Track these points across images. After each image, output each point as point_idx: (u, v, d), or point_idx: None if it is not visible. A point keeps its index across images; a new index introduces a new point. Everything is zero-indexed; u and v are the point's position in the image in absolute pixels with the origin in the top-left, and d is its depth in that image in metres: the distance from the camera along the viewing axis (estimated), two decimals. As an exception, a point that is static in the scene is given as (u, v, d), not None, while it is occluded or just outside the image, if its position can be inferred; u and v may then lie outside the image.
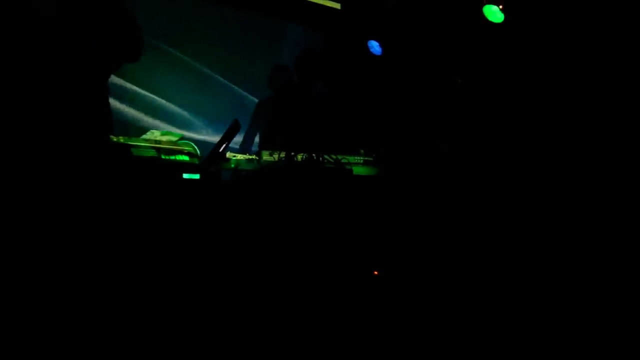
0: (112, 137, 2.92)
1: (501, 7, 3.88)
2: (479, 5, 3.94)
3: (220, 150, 3.14)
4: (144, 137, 3.14)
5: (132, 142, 3.01)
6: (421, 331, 2.80)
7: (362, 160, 3.56)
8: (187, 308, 2.62)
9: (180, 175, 2.99)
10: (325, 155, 3.32)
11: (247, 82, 4.85)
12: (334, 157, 3.34)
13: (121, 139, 2.98)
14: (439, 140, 4.12)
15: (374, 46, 4.67)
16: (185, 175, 2.99)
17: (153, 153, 3.01)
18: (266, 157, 3.31)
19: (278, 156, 3.27)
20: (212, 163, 3.11)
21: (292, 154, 3.27)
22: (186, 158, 3.09)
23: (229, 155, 3.26)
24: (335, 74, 4.78)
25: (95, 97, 2.77)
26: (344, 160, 3.41)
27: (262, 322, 2.65)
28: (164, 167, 3.00)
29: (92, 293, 2.44)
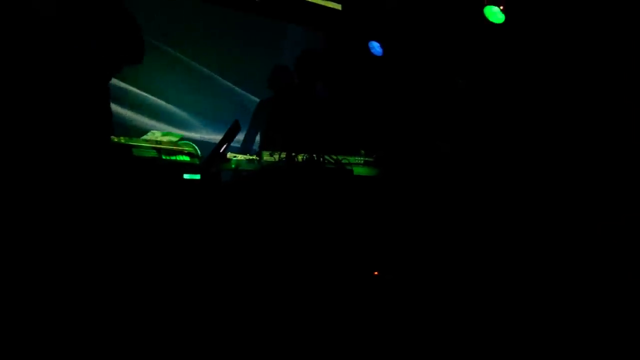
0: (112, 137, 2.92)
1: (502, 7, 3.88)
2: (479, 6, 3.94)
3: (221, 150, 3.14)
4: (144, 137, 3.14)
5: (132, 142, 3.01)
6: (421, 331, 2.80)
7: (362, 161, 3.56)
8: (188, 308, 2.61)
9: (181, 175, 2.98)
10: (325, 156, 3.31)
11: (247, 82, 4.85)
12: (335, 157, 3.34)
13: (122, 140, 2.98)
14: (440, 141, 4.12)
15: (375, 47, 4.67)
16: (185, 176, 2.99)
17: (154, 153, 3.00)
18: (267, 157, 3.31)
19: (279, 156, 3.27)
20: (212, 163, 3.10)
21: (292, 154, 3.27)
22: (187, 158, 3.09)
23: (230, 155, 3.26)
24: (336, 75, 4.77)
25: (96, 97, 2.77)
26: (344, 161, 3.40)
27: (263, 322, 2.65)
28: (164, 167, 3.00)
29: (93, 293, 2.44)
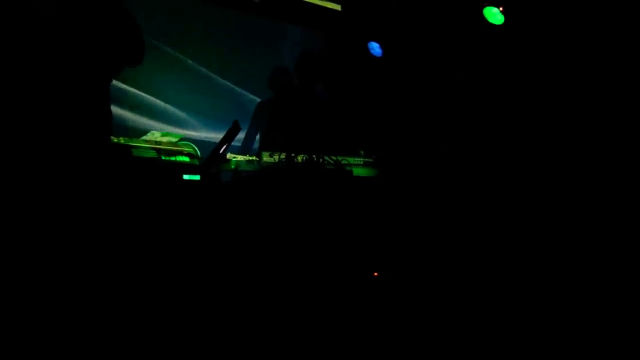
0: (112, 138, 2.91)
1: (501, 9, 3.89)
2: (479, 7, 3.95)
3: (221, 151, 3.14)
4: (144, 138, 3.14)
5: (132, 143, 3.01)
6: (421, 332, 2.81)
7: (362, 162, 3.56)
8: (188, 309, 2.61)
9: (181, 176, 2.98)
10: (325, 157, 3.31)
11: (247, 82, 4.85)
12: (334, 158, 3.34)
13: (122, 140, 2.98)
14: (439, 141, 4.12)
15: (375, 47, 4.68)
16: (185, 177, 2.99)
17: (153, 154, 3.00)
18: (266, 158, 3.31)
19: (278, 157, 3.27)
20: (212, 164, 3.10)
21: (292, 155, 3.27)
22: (186, 159, 3.09)
23: (229, 156, 3.26)
24: (336, 76, 4.77)
25: (96, 98, 2.77)
26: (344, 162, 3.40)
27: (262, 323, 2.65)
28: (164, 168, 3.00)
29: (92, 294, 2.44)
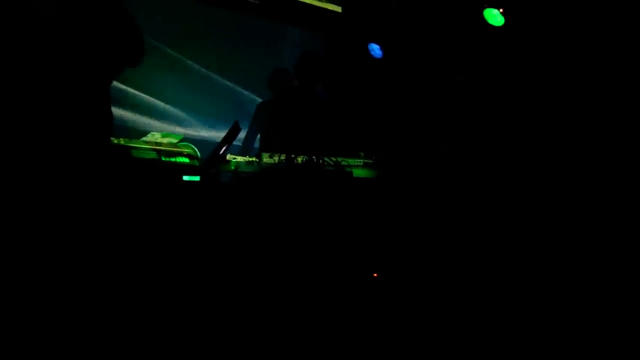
0: (112, 139, 2.91)
1: (501, 10, 3.89)
2: (479, 8, 3.95)
3: (221, 152, 3.14)
4: (144, 139, 3.14)
5: (132, 144, 3.00)
6: (421, 333, 2.81)
7: (362, 163, 3.56)
8: (187, 311, 2.61)
9: (181, 177, 2.98)
10: (325, 158, 3.31)
11: (247, 83, 4.85)
12: (334, 159, 3.34)
13: (121, 141, 2.98)
14: (439, 142, 4.12)
15: (375, 49, 4.68)
16: (185, 177, 2.99)
17: (153, 155, 3.00)
18: (266, 159, 3.31)
19: (278, 158, 3.27)
20: (212, 165, 3.10)
21: (292, 156, 3.27)
22: (186, 160, 3.09)
23: (229, 157, 3.26)
24: (336, 77, 4.78)
25: (96, 98, 2.76)
26: (344, 163, 3.40)
27: (262, 324, 2.65)
28: (164, 169, 3.00)
29: (92, 296, 2.44)
